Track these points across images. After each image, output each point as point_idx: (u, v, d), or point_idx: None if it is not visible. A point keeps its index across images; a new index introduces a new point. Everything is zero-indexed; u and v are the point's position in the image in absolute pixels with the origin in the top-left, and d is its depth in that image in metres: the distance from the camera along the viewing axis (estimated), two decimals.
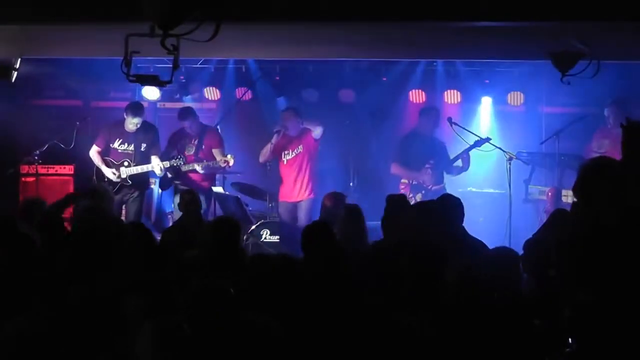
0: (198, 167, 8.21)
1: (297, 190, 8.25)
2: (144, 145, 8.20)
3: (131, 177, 8.17)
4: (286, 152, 8.25)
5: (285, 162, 8.30)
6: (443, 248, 4.05)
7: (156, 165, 8.13)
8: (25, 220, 5.61)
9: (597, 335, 3.35)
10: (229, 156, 8.20)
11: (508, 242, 7.24)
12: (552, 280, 4.08)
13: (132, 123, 8.13)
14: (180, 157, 8.21)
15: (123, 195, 8.14)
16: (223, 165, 8.17)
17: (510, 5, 5.39)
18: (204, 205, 8.00)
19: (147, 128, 8.33)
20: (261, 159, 8.43)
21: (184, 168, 8.28)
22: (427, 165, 8.09)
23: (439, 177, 8.16)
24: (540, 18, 5.47)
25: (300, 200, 8.25)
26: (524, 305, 3.77)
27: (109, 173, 8.16)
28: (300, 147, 8.23)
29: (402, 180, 8.30)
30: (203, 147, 8.36)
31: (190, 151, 8.37)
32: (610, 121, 8.07)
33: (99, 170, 8.24)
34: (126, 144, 8.22)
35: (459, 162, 8.15)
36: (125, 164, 8.17)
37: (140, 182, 8.27)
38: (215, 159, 8.25)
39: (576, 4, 5.32)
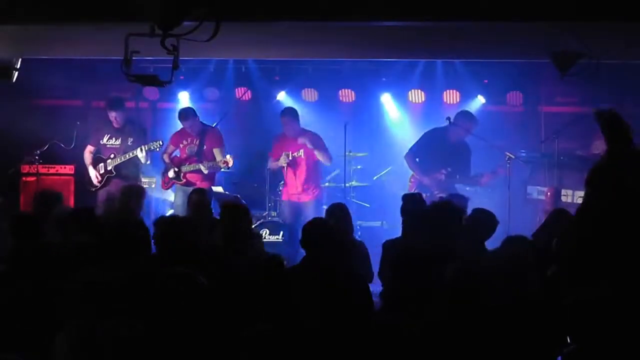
0: (203, 168, 8.22)
1: (301, 190, 8.25)
2: (130, 140, 8.30)
3: (116, 167, 8.28)
4: (287, 153, 8.24)
5: (288, 161, 8.29)
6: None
7: (139, 151, 8.18)
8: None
9: (597, 333, 3.36)
10: (227, 157, 8.20)
11: None
12: (551, 278, 4.09)
13: (111, 116, 8.29)
14: (159, 140, 8.30)
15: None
16: (222, 165, 8.17)
17: (510, 5, 5.39)
18: None
19: (133, 123, 8.49)
20: (269, 167, 8.51)
21: (184, 169, 8.29)
22: (442, 171, 7.90)
23: (451, 186, 7.84)
24: (540, 18, 5.47)
25: (305, 201, 8.24)
26: (524, 303, 3.78)
27: (92, 174, 8.36)
28: (302, 150, 8.24)
29: (413, 174, 8.24)
30: (204, 147, 8.37)
31: (191, 151, 8.39)
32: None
33: (86, 170, 8.41)
34: (113, 139, 8.38)
35: (475, 178, 7.99)
36: (112, 156, 8.30)
37: (128, 174, 8.30)
38: (215, 158, 8.26)
39: (576, 4, 5.33)
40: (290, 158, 8.18)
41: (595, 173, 3.77)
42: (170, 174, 8.37)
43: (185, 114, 8.45)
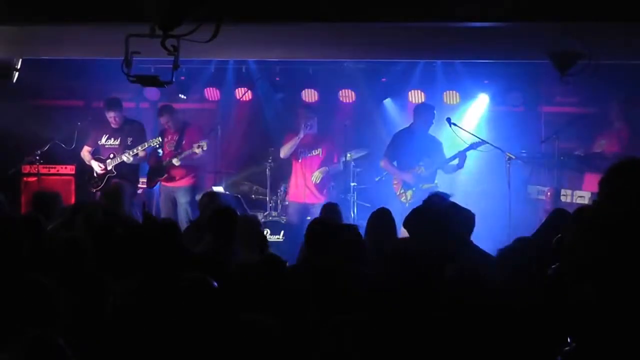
0: (175, 161, 8.25)
1: (309, 192, 8.23)
2: (129, 139, 8.36)
3: (116, 167, 8.31)
4: (302, 151, 8.23)
5: (299, 161, 8.27)
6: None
7: (125, 157, 8.24)
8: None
9: (598, 333, 3.36)
10: (200, 142, 8.21)
11: (507, 242, 7.22)
12: (552, 277, 4.09)
13: (109, 117, 8.34)
14: (158, 137, 8.34)
15: None
16: (197, 151, 8.16)
17: (510, 5, 5.40)
18: (186, 199, 8.14)
19: (132, 123, 8.54)
20: (282, 154, 8.38)
21: (164, 164, 8.37)
22: (420, 164, 8.02)
23: (431, 177, 8.07)
24: (540, 18, 5.48)
25: (313, 203, 8.21)
26: (524, 303, 3.78)
27: (95, 166, 8.38)
28: (319, 149, 8.22)
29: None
30: (183, 142, 8.41)
31: (171, 147, 8.45)
32: (613, 119, 8.11)
33: (90, 167, 8.45)
34: (112, 139, 8.44)
35: (454, 161, 8.06)
36: (112, 156, 8.34)
37: (127, 174, 8.32)
38: (196, 154, 8.25)
39: (576, 4, 5.33)
40: (308, 129, 8.10)
41: (620, 182, 3.67)
42: (153, 170, 8.46)
43: (161, 110, 8.60)
